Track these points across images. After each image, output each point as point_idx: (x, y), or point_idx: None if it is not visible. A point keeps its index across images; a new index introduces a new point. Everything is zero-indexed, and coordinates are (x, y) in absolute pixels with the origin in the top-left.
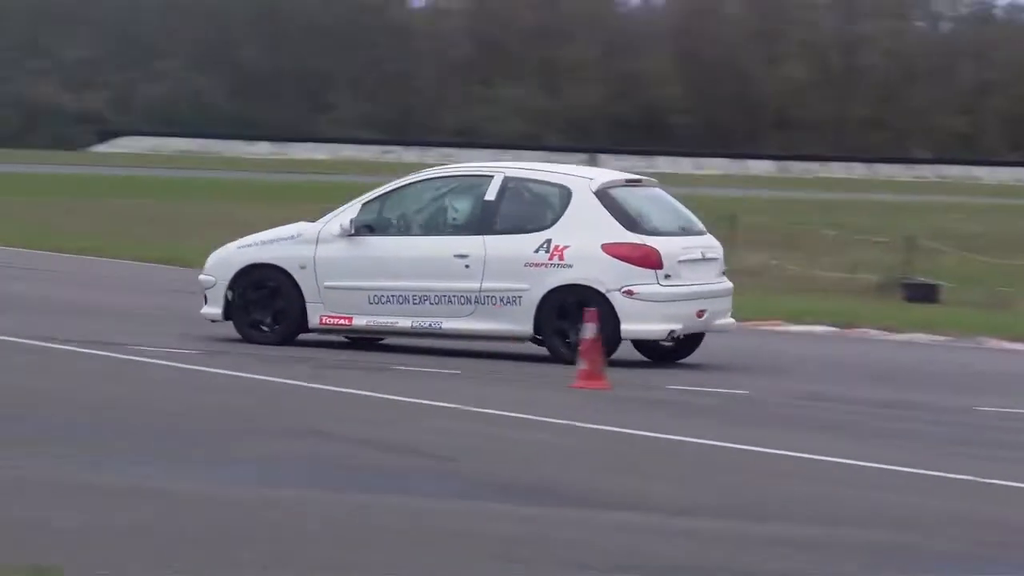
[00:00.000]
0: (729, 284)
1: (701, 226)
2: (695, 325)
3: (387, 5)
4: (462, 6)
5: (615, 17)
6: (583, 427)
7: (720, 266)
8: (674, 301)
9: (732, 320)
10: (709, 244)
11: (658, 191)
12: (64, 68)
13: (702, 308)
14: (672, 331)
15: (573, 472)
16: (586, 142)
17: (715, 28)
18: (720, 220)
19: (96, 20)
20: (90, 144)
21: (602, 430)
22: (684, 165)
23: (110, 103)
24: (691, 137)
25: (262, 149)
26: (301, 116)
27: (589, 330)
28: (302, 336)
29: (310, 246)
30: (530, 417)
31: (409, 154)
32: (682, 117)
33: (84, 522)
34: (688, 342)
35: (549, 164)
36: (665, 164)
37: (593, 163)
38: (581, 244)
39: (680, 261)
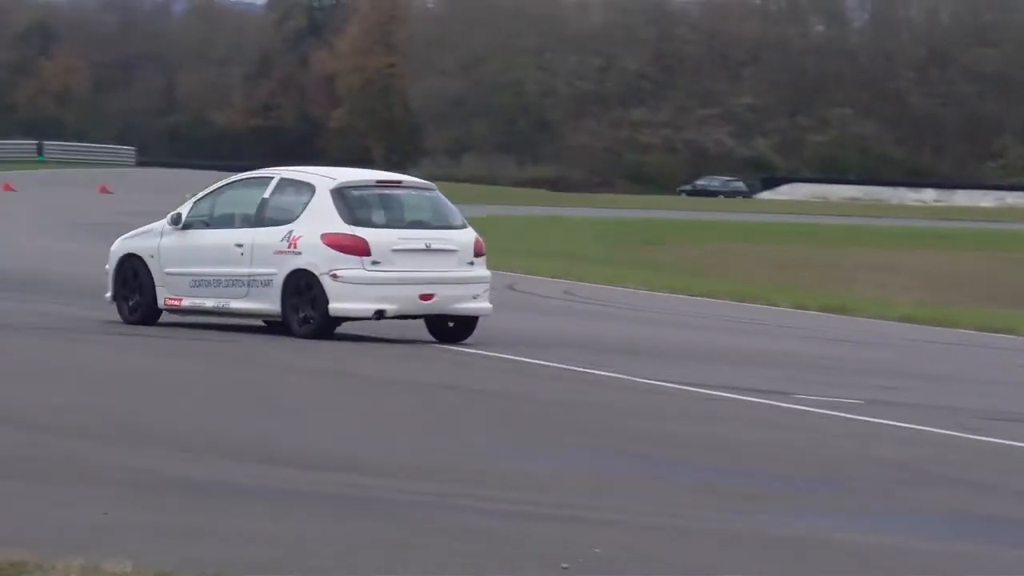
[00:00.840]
0: (479, 273)
1: (455, 223)
2: (420, 307)
3: None
4: None
5: None
6: None
7: (464, 257)
8: (382, 284)
9: (487, 304)
10: (446, 238)
11: (413, 192)
12: (733, 115)
13: (428, 292)
14: (380, 311)
15: None
16: None
17: None
18: None
19: (766, 66)
20: (755, 191)
21: None
22: None
23: (777, 149)
24: None
25: (927, 196)
26: (967, 162)
27: None
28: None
29: (157, 238)
30: None
31: None
32: None
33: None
34: (463, 323)
35: (329, 168)
36: None
37: None
38: (309, 234)
39: (394, 250)
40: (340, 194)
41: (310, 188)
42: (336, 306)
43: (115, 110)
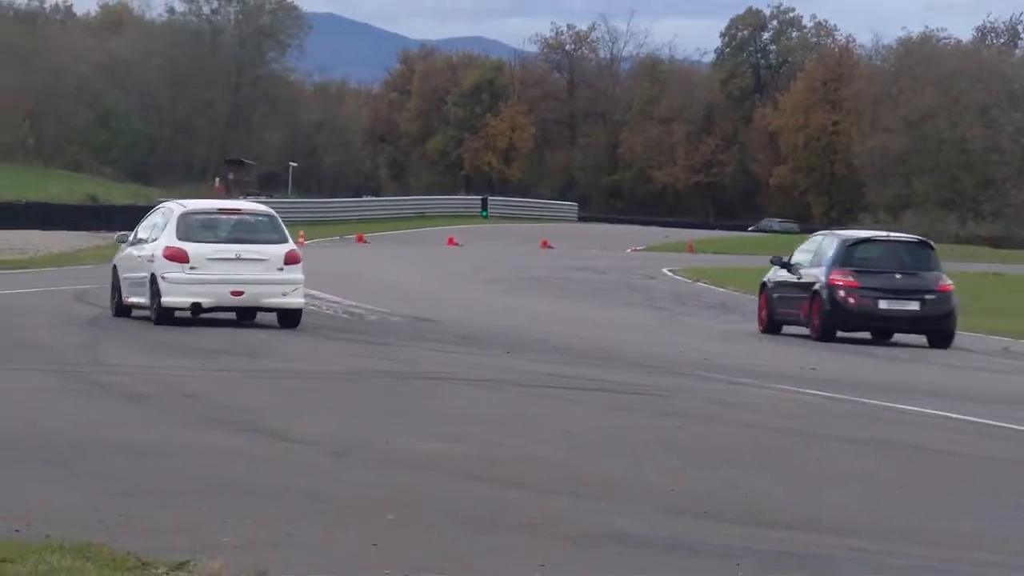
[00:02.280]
0: (289, 276)
1: (271, 240)
2: (232, 301)
3: None
4: None
5: None
6: None
7: (274, 264)
8: (197, 284)
9: (298, 300)
10: (257, 250)
11: (247, 217)
12: None
13: (238, 289)
14: (196, 303)
15: None
16: None
17: None
18: None
19: None
20: None
21: None
22: None
23: None
24: None
25: None
26: None
27: None
28: None
29: (120, 253)
30: None
31: None
32: None
33: None
34: (285, 316)
35: (191, 199)
36: None
37: None
38: (158, 248)
39: (209, 259)
40: (183, 218)
41: (172, 213)
42: (166, 300)
43: (558, 166)
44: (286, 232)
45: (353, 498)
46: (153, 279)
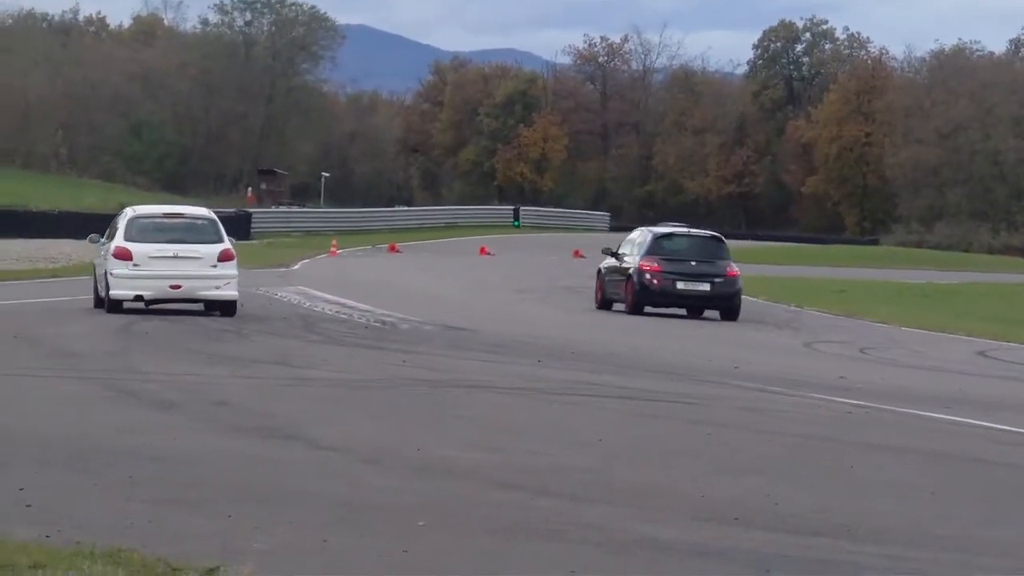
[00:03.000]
0: (222, 272)
1: (207, 240)
2: (171, 294)
3: None
4: None
5: None
6: None
7: (209, 262)
8: (139, 279)
9: (231, 293)
10: (193, 249)
11: (188, 221)
12: None
13: (176, 283)
14: (139, 295)
15: None
16: None
17: None
18: None
19: None
20: None
21: None
22: None
23: None
24: None
25: None
26: None
27: None
28: None
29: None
30: None
31: None
32: None
33: None
34: (221, 307)
35: (149, 205)
36: None
37: None
38: (111, 248)
39: (150, 257)
40: (131, 221)
41: (124, 217)
42: (113, 293)
43: (591, 176)
44: (223, 234)
45: (385, 505)
46: (105, 275)
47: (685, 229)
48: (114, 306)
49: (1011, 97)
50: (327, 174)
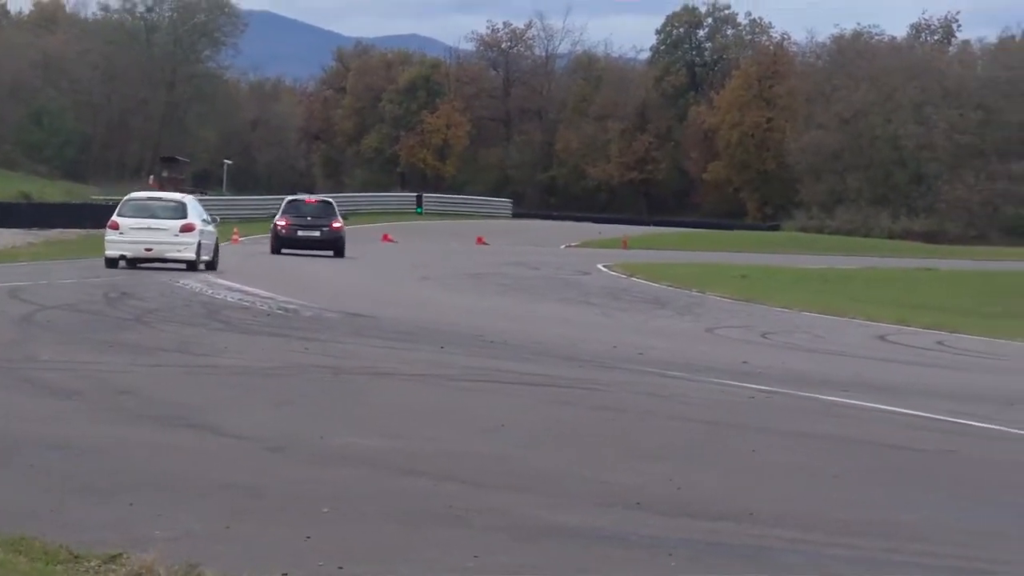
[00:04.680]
0: (182, 240)
1: (174, 217)
2: (145, 255)
3: None
4: None
5: None
6: None
7: (172, 233)
8: (122, 243)
9: (189, 255)
10: (161, 223)
11: (163, 203)
12: None
13: (148, 247)
14: (122, 255)
15: None
16: None
17: None
18: None
19: None
20: None
21: None
22: None
23: None
24: None
25: None
26: None
27: None
28: None
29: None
30: None
31: None
32: None
33: None
34: (185, 262)
35: (144, 191)
36: None
37: None
38: (113, 221)
39: (131, 228)
40: (124, 203)
41: (123, 199)
42: (107, 253)
43: (493, 163)
44: (188, 213)
45: (288, 493)
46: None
47: (304, 197)
48: (109, 263)
49: (911, 82)
50: (229, 161)
